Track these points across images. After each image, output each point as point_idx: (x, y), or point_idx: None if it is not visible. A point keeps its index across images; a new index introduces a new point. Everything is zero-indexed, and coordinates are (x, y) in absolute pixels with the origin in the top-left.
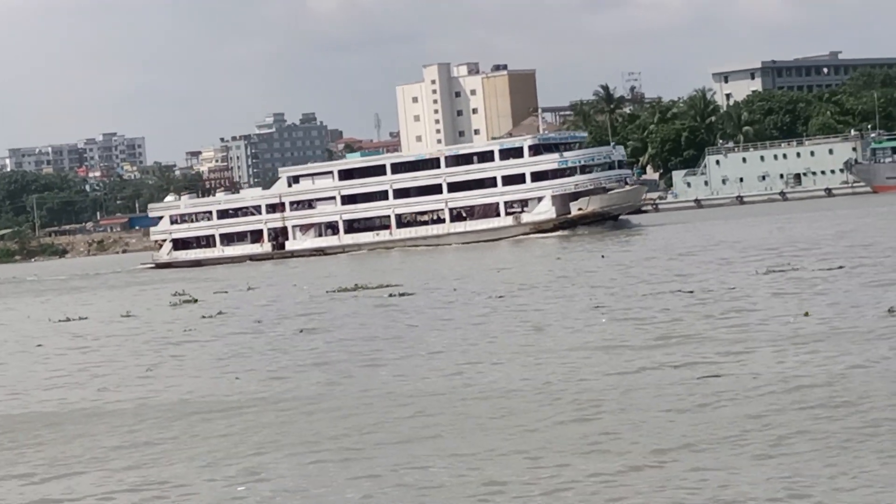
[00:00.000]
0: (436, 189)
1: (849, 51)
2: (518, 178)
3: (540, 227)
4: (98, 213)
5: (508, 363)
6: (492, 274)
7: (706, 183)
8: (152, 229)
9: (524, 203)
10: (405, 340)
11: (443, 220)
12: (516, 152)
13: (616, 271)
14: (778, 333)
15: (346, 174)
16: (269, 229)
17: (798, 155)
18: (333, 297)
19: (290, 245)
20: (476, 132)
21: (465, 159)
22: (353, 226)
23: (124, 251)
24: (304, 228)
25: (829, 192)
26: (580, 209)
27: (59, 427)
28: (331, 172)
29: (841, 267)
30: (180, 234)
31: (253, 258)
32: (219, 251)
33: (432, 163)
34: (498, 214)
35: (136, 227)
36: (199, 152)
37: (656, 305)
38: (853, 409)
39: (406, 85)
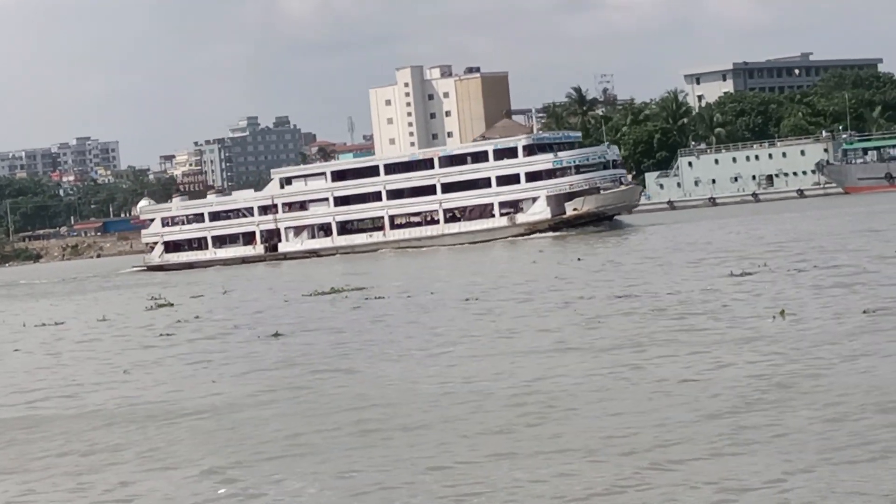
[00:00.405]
0: (430, 190)
1: (820, 52)
2: (512, 179)
3: (535, 228)
4: (72, 218)
5: (461, 366)
6: (472, 276)
7: (679, 185)
8: (143, 231)
9: (519, 203)
10: (372, 344)
11: (437, 221)
12: (510, 152)
13: (589, 274)
14: (749, 334)
15: (338, 175)
16: (261, 231)
17: (770, 156)
18: (309, 301)
19: (282, 247)
20: (449, 135)
21: (458, 160)
22: (346, 227)
23: (98, 255)
24: (297, 230)
25: (800, 194)
26: (575, 209)
27: (35, 429)
28: (323, 174)
29: (815, 267)
30: (172, 237)
31: (246, 260)
32: (211, 253)
33: (426, 163)
34: (492, 215)
35: (111, 232)
36: (173, 156)
37: (624, 307)
38: (811, 410)
39: (379, 88)
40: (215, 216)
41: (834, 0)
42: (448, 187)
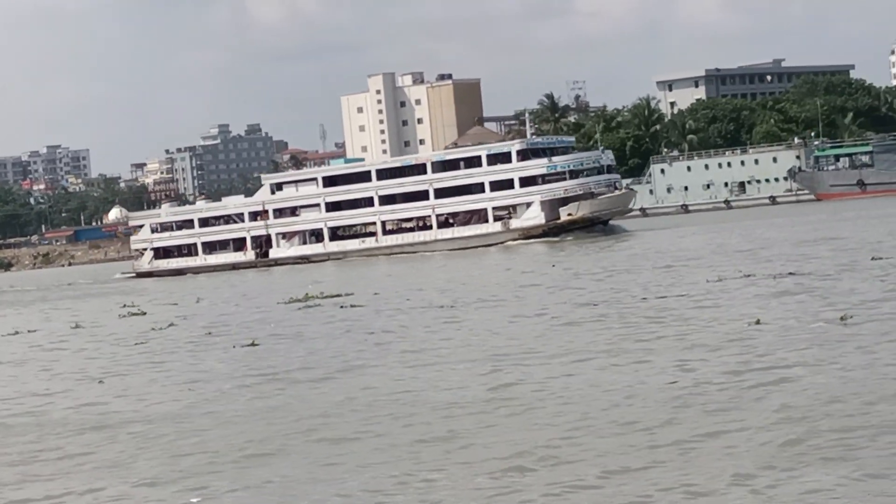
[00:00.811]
0: (422, 195)
1: (792, 59)
2: (506, 184)
3: (529, 233)
4: (43, 226)
5: (421, 374)
6: (448, 283)
7: (651, 192)
8: (132, 238)
9: (513, 209)
10: (340, 353)
11: (430, 227)
12: (504, 157)
13: (567, 280)
14: (727, 338)
15: (330, 181)
16: (252, 237)
17: (742, 163)
18: (283, 308)
19: (273, 253)
20: (421, 142)
21: (451, 165)
22: (338, 233)
23: (69, 264)
24: (288, 236)
25: (773, 200)
26: (570, 214)
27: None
28: (315, 179)
29: (791, 274)
30: (161, 243)
31: (236, 266)
32: (201, 260)
33: (418, 168)
34: (486, 220)
35: (82, 240)
36: (144, 164)
37: (590, 314)
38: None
39: (351, 95)
40: (205, 222)
41: (806, 6)
42: (441, 192)
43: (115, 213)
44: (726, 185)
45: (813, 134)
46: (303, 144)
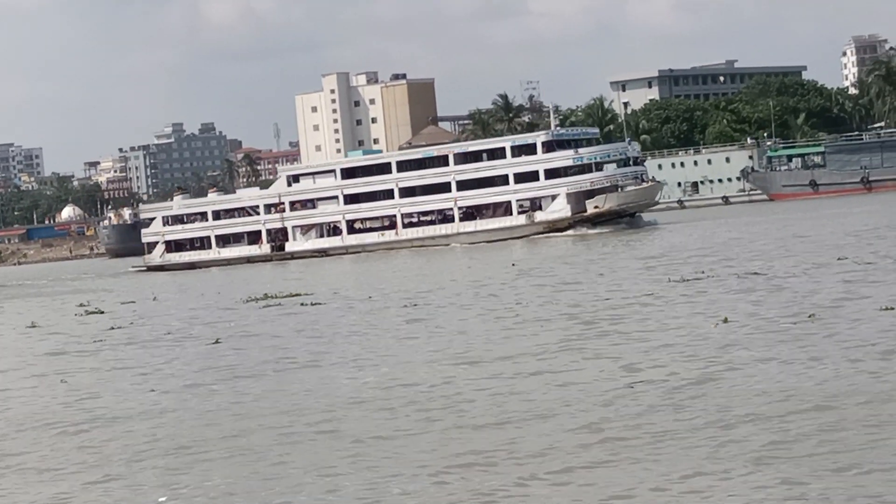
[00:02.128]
0: (444, 187)
1: (745, 60)
2: (531, 176)
3: (554, 226)
4: None
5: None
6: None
7: None
8: (143, 231)
9: (538, 201)
10: (286, 352)
11: (452, 220)
12: (529, 149)
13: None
14: (696, 338)
15: (348, 173)
16: (267, 230)
17: (695, 163)
18: (242, 307)
19: (289, 246)
20: (375, 141)
21: (474, 156)
22: (356, 226)
23: (21, 263)
24: (305, 229)
25: (726, 200)
26: (597, 207)
27: None
28: (333, 171)
29: (756, 273)
30: (174, 236)
31: (251, 260)
32: (214, 253)
33: (440, 160)
34: (510, 213)
35: (34, 239)
36: (98, 162)
37: (555, 313)
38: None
39: (305, 94)
40: (219, 215)
41: (758, 8)
42: (463, 185)
43: (67, 212)
44: (679, 185)
45: (766, 134)
46: (257, 143)
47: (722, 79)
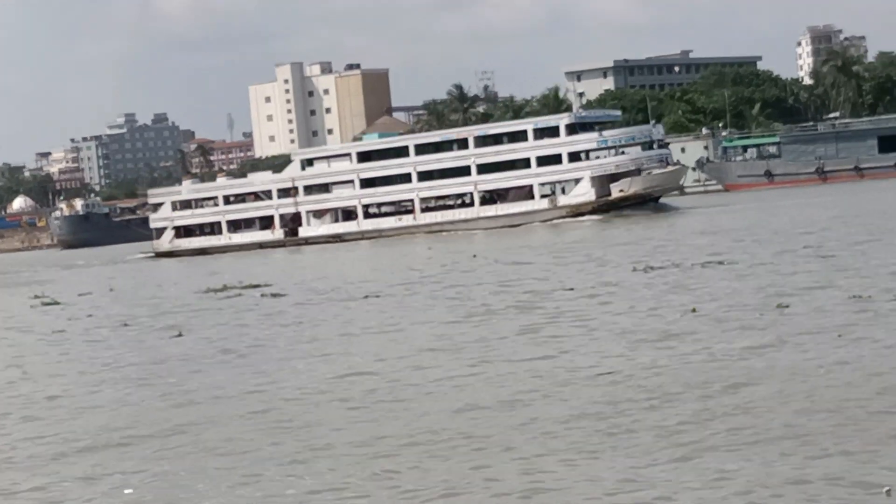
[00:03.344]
0: (464, 171)
1: (700, 50)
2: (554, 159)
3: (578, 210)
4: None
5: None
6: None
7: None
8: (151, 216)
9: (560, 185)
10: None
11: (471, 204)
12: (551, 132)
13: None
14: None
15: (364, 156)
16: (280, 215)
17: None
18: (198, 298)
19: (303, 231)
20: (330, 132)
21: (495, 139)
22: (369, 211)
23: None
24: (320, 214)
25: (681, 191)
26: (621, 191)
27: None
28: (348, 154)
29: (721, 263)
30: (183, 222)
31: (263, 245)
32: (226, 238)
33: (459, 143)
34: (532, 197)
35: None
36: (49, 153)
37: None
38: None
39: (259, 85)
40: (230, 199)
41: None
42: (484, 168)
43: (19, 203)
44: None
45: (721, 125)
46: (210, 134)
47: (677, 69)
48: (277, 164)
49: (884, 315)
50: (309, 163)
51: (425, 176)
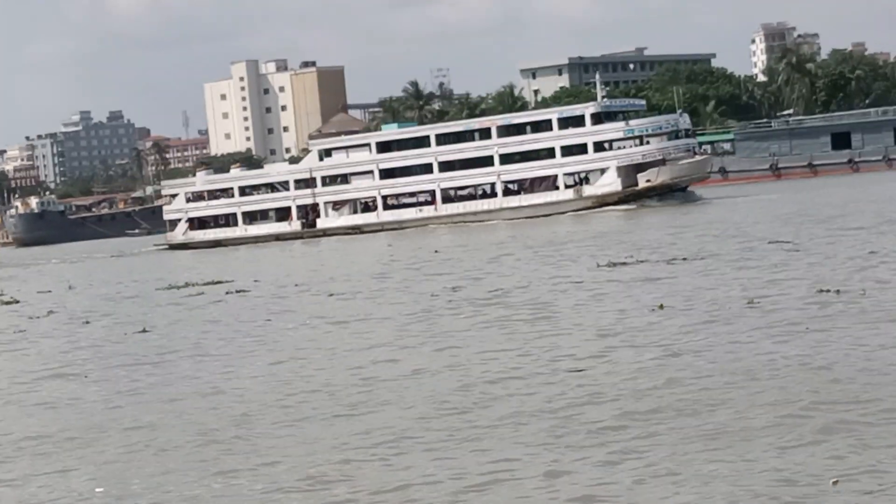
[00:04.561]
0: (486, 161)
1: (654, 47)
2: (579, 149)
3: (603, 201)
4: None
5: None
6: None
7: None
8: (165, 208)
9: (586, 175)
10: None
11: (494, 195)
12: (576, 121)
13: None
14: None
15: (384, 146)
16: (297, 206)
17: None
18: (160, 295)
19: (321, 223)
20: (285, 129)
21: (517, 129)
22: (387, 202)
23: None
24: (338, 205)
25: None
26: (649, 181)
27: None
28: (367, 145)
29: (685, 259)
30: (198, 213)
31: (280, 238)
32: (241, 230)
33: (482, 133)
34: (556, 187)
35: None
36: (4, 151)
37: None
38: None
39: (214, 82)
40: (246, 190)
41: None
42: (507, 158)
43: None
44: None
45: None
46: (166, 131)
47: (632, 66)
48: (233, 161)
49: (844, 311)
50: (327, 153)
51: (447, 166)
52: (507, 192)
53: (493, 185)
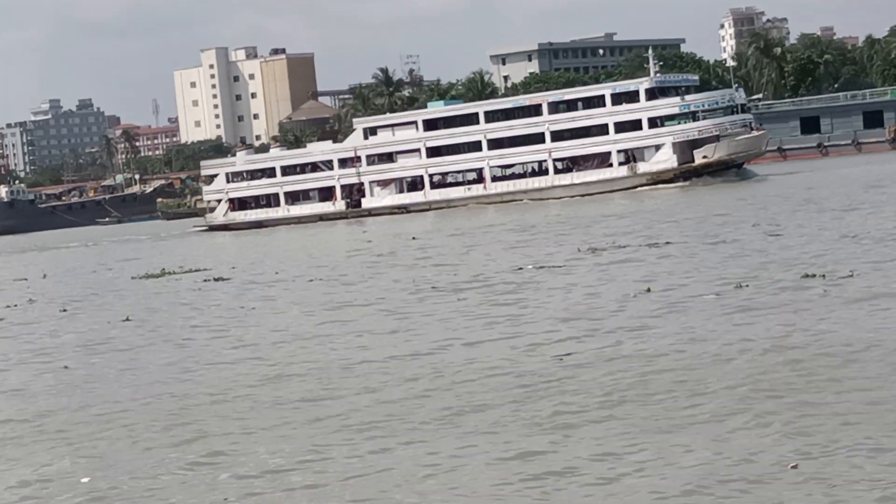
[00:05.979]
0: (537, 138)
1: (624, 32)
2: (633, 125)
3: (659, 178)
4: None
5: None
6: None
7: None
8: (205, 188)
9: (640, 152)
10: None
11: (545, 172)
12: (631, 97)
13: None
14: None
15: (430, 124)
16: (342, 186)
17: None
18: (136, 284)
19: (367, 203)
20: (255, 116)
21: (568, 105)
22: (440, 180)
23: None
24: (383, 184)
25: None
26: (705, 157)
27: None
28: (414, 122)
29: (668, 243)
30: (238, 193)
31: (323, 218)
32: (284, 211)
33: (532, 110)
34: (610, 165)
35: None
36: None
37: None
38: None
39: (183, 70)
40: (288, 170)
41: None
42: (558, 135)
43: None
44: None
45: None
46: (136, 119)
47: (601, 52)
48: (203, 149)
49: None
50: (372, 131)
51: (496, 144)
52: (558, 171)
53: (541, 163)
